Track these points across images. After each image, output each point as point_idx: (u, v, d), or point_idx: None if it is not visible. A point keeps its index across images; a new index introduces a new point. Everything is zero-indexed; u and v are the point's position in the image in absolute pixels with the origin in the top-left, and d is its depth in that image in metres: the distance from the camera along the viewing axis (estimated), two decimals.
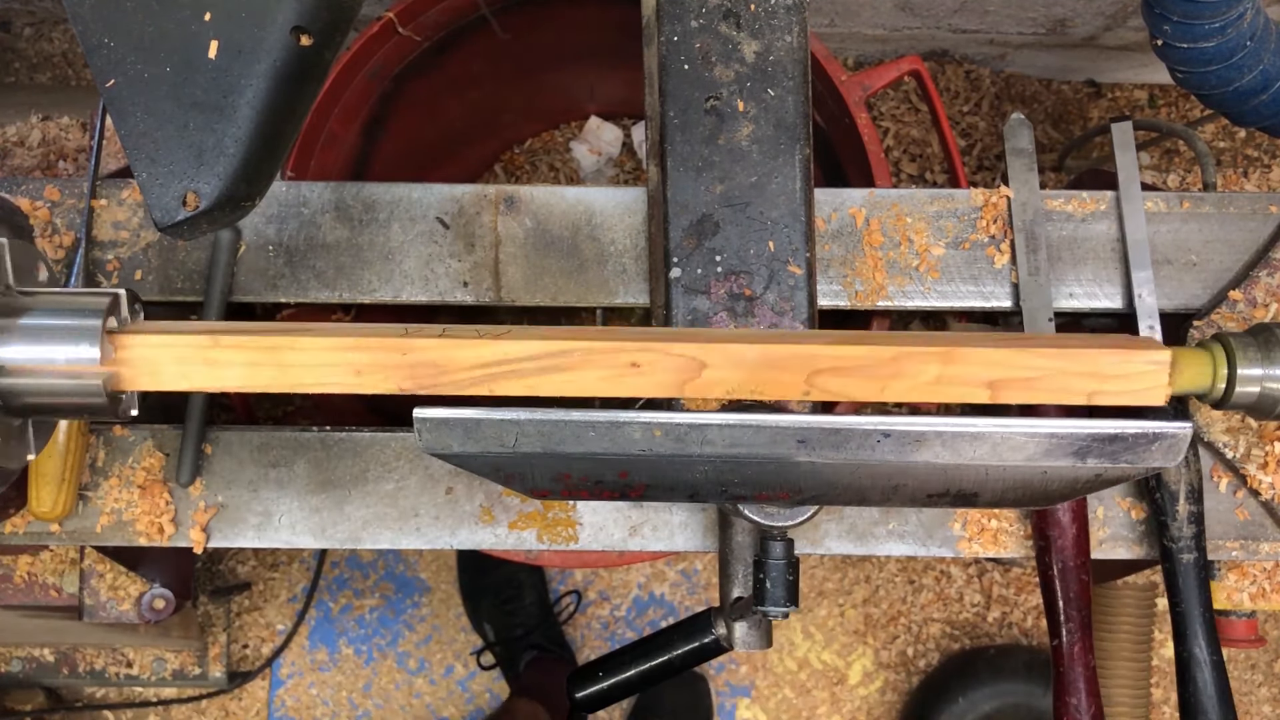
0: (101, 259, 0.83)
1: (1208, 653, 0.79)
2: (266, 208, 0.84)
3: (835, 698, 1.63)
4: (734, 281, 0.69)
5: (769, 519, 0.70)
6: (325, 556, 1.61)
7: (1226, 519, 0.83)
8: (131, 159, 0.59)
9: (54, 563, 0.89)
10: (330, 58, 0.63)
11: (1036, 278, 0.83)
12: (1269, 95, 0.88)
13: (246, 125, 0.59)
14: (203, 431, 0.84)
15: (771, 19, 0.71)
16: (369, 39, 1.05)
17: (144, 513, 0.83)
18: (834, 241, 0.84)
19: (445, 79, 1.22)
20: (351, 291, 0.84)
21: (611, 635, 1.64)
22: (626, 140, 1.55)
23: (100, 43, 0.59)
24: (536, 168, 1.56)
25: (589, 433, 0.58)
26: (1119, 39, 1.41)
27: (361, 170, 1.21)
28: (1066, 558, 0.81)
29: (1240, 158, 1.53)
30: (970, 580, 1.63)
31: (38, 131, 0.97)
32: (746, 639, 0.78)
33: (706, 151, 0.70)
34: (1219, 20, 0.82)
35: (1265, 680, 1.63)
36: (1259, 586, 0.85)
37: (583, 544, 0.85)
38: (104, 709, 1.58)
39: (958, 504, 0.67)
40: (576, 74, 1.45)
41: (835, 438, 0.59)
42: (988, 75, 1.56)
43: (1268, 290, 0.82)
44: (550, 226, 0.84)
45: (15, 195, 0.84)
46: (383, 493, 0.84)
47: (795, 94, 0.71)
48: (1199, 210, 0.85)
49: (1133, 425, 0.58)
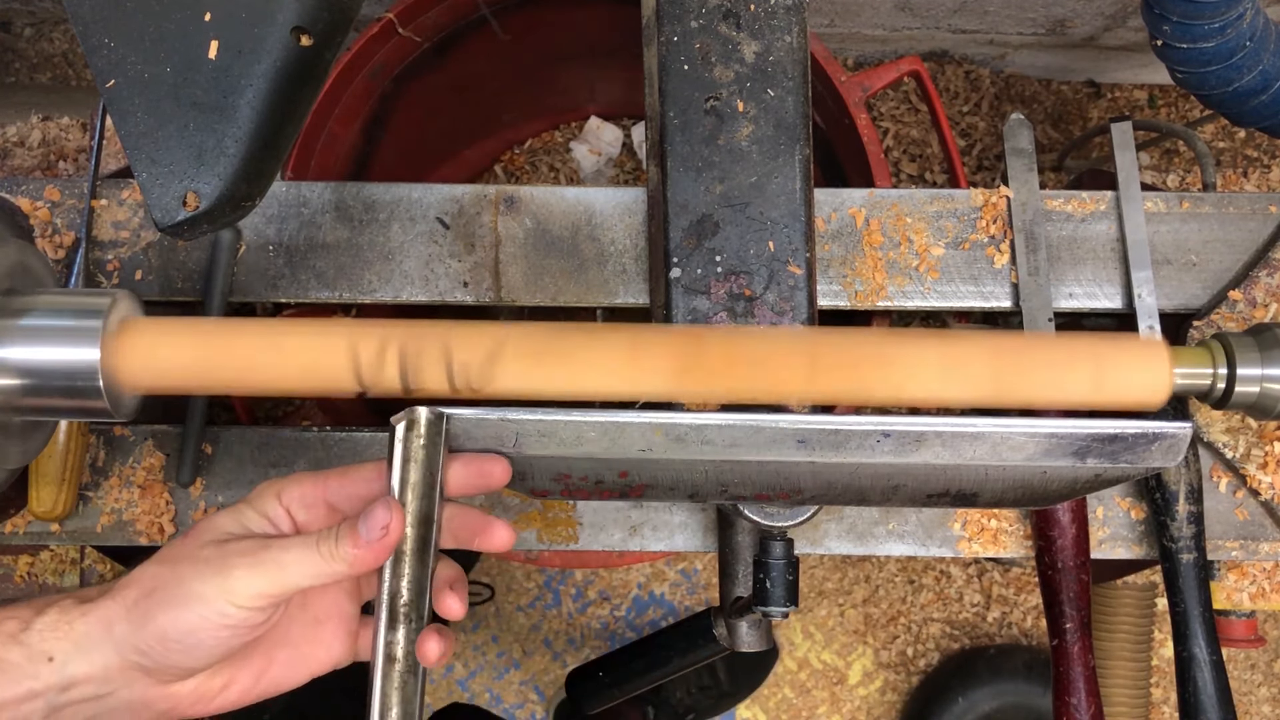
0: (101, 259, 0.83)
1: (1208, 653, 0.79)
2: (266, 208, 0.84)
3: (835, 698, 1.63)
4: (734, 281, 0.69)
5: (769, 519, 0.70)
6: None
7: (1226, 519, 0.83)
8: (131, 159, 0.59)
9: (54, 563, 0.89)
10: (330, 58, 0.63)
11: (1036, 278, 0.83)
12: (1269, 95, 0.88)
13: (246, 125, 0.59)
14: (203, 431, 0.84)
15: (771, 19, 0.71)
16: (369, 39, 1.05)
17: (144, 513, 0.83)
18: (834, 241, 0.84)
19: (445, 79, 1.22)
20: (352, 291, 0.84)
21: (612, 635, 1.64)
22: (626, 140, 1.55)
23: (100, 43, 0.59)
24: (536, 168, 1.56)
25: (589, 433, 0.58)
26: (1119, 39, 1.41)
27: (361, 170, 1.21)
28: (1066, 558, 0.81)
29: (1240, 158, 1.53)
30: (970, 580, 1.63)
31: (38, 131, 0.97)
32: (747, 639, 0.78)
33: (706, 151, 0.70)
34: (1219, 20, 0.83)
35: (1265, 680, 1.63)
36: (1259, 586, 0.85)
37: (583, 544, 0.85)
38: None
39: (958, 504, 0.67)
40: (576, 74, 1.45)
41: (835, 438, 0.59)
42: (988, 75, 1.56)
43: (1267, 290, 0.82)
44: (550, 226, 0.84)
45: (15, 195, 0.84)
46: None
47: (795, 94, 0.71)
48: (1199, 210, 0.85)
49: (1132, 425, 0.58)
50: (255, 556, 0.55)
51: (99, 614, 0.55)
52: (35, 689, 0.54)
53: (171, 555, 0.57)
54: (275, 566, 0.55)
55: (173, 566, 0.56)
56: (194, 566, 0.55)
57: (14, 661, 0.55)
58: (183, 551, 0.57)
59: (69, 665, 0.55)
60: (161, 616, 0.54)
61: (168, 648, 0.54)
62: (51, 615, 0.56)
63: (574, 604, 1.65)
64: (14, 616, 0.56)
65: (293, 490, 0.59)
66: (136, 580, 0.56)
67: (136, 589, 0.56)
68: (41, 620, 0.56)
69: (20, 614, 0.56)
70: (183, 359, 0.59)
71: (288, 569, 0.55)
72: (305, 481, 0.60)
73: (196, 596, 0.54)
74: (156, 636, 0.54)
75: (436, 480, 0.57)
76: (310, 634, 0.60)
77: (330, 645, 0.61)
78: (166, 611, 0.54)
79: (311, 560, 0.55)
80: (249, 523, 0.58)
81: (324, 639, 0.60)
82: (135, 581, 0.56)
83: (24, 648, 0.55)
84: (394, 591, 0.56)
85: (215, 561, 0.55)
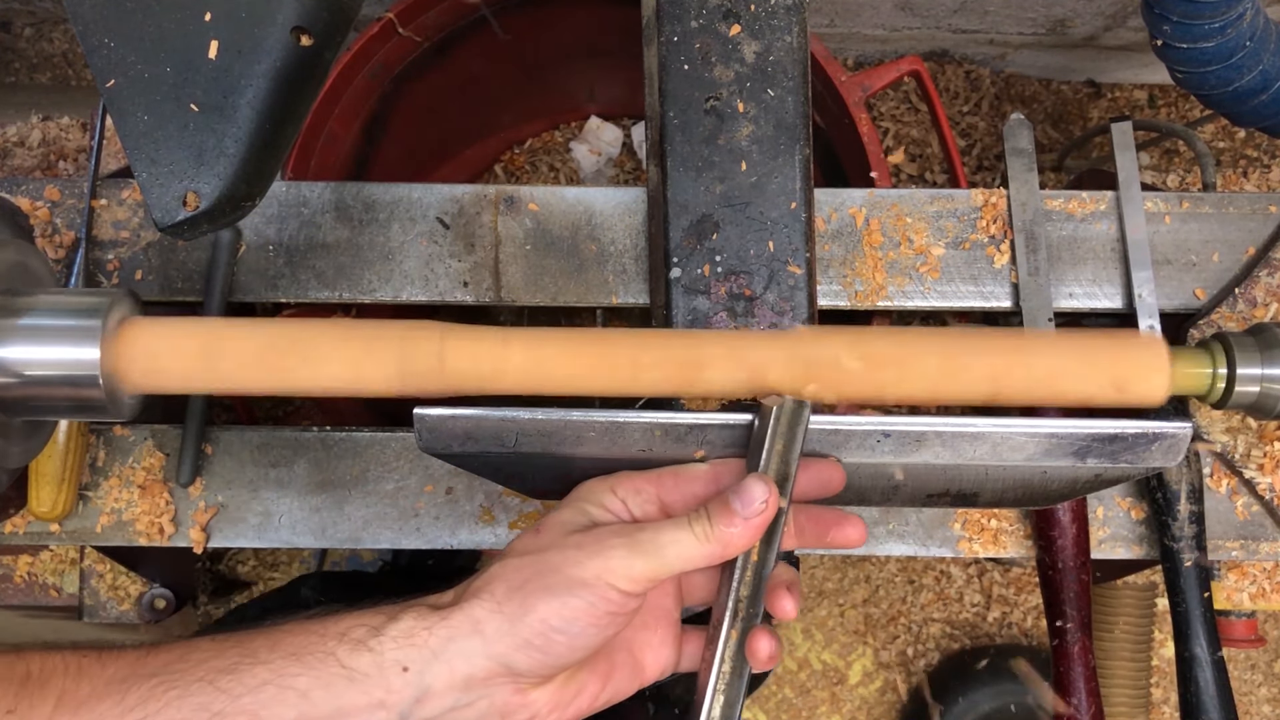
0: (101, 259, 0.83)
1: (1209, 652, 0.79)
2: (266, 208, 0.84)
3: (835, 698, 1.63)
4: (734, 281, 0.69)
5: None
6: (326, 556, 1.61)
7: (1226, 519, 0.83)
8: (131, 159, 0.59)
9: (54, 563, 0.89)
10: (330, 58, 0.63)
11: (1036, 278, 0.83)
12: (1269, 95, 0.88)
13: (246, 125, 0.59)
14: (203, 431, 0.84)
15: (771, 19, 0.71)
16: (369, 39, 1.05)
17: (144, 513, 0.83)
18: (834, 241, 0.84)
19: (445, 79, 1.22)
20: (351, 291, 0.84)
21: None
22: (626, 140, 1.55)
23: (100, 43, 0.59)
24: (536, 168, 1.56)
25: (589, 433, 0.58)
26: (1119, 39, 1.41)
27: (361, 170, 1.21)
28: (1066, 558, 0.81)
29: (1240, 158, 1.53)
30: (970, 580, 1.63)
31: (38, 131, 0.97)
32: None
33: (706, 151, 0.70)
34: (1219, 20, 0.82)
35: (1265, 680, 1.63)
36: (1259, 586, 0.85)
37: None
38: None
39: (958, 504, 0.67)
40: (576, 74, 1.45)
41: (835, 438, 0.59)
42: (988, 75, 1.56)
43: (1267, 290, 0.82)
44: (550, 226, 0.84)
45: (15, 195, 0.84)
46: (383, 493, 0.84)
47: (795, 94, 0.71)
48: (1199, 210, 0.85)
49: (1133, 425, 0.58)
50: (632, 538, 0.53)
51: (463, 616, 0.53)
52: (385, 700, 0.52)
53: (529, 547, 0.55)
54: (653, 547, 0.53)
55: (538, 557, 0.54)
56: (564, 553, 0.53)
57: (362, 670, 0.52)
58: (541, 543, 0.55)
59: (426, 674, 0.52)
60: (542, 605, 0.52)
61: (549, 638, 0.52)
62: (406, 621, 0.53)
63: None
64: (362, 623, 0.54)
65: (625, 484, 0.58)
66: (498, 577, 0.54)
67: (502, 584, 0.54)
68: (395, 627, 0.53)
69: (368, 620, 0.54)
70: (182, 359, 0.59)
71: (665, 549, 0.53)
72: (636, 477, 0.59)
73: (577, 581, 0.52)
74: (538, 627, 0.52)
75: (790, 473, 0.56)
76: (642, 638, 0.59)
77: (659, 651, 0.59)
78: (547, 599, 0.52)
79: (687, 541, 0.53)
80: (593, 514, 0.57)
81: (653, 644, 0.59)
82: (497, 578, 0.54)
83: (374, 655, 0.52)
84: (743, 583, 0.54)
85: (589, 546, 0.53)
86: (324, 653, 0.53)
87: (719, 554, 0.54)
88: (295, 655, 0.53)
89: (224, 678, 0.52)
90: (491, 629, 0.52)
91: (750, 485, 0.54)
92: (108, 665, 0.53)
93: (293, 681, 0.52)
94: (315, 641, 0.53)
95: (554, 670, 0.54)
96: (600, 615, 0.53)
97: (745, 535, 0.54)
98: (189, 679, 0.52)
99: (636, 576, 0.53)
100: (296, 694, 0.52)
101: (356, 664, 0.52)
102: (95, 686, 0.52)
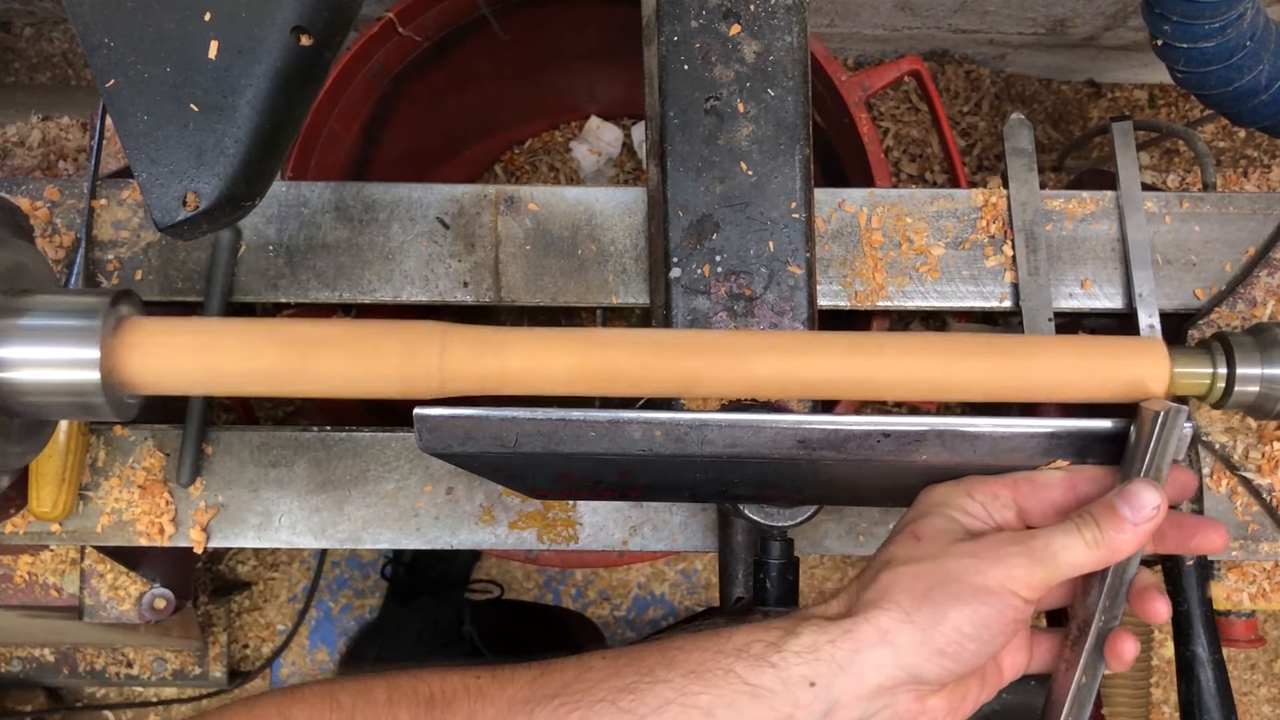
0: (101, 259, 0.83)
1: (1209, 652, 0.79)
2: (266, 208, 0.84)
3: None
4: (734, 281, 0.69)
5: (769, 519, 0.70)
6: (325, 556, 1.61)
7: (1226, 519, 0.83)
8: (131, 159, 0.59)
9: (54, 563, 0.89)
10: (330, 58, 0.63)
11: (1036, 277, 0.83)
12: (1269, 95, 0.88)
13: (246, 125, 0.59)
14: (203, 431, 0.84)
15: (771, 19, 0.71)
16: (369, 39, 1.05)
17: (144, 513, 0.83)
18: (834, 241, 0.84)
19: (445, 79, 1.22)
20: (352, 291, 0.84)
21: (612, 635, 1.64)
22: (626, 140, 1.55)
23: (100, 43, 0.59)
24: (536, 168, 1.56)
25: (589, 433, 0.58)
26: (1119, 39, 1.41)
27: (361, 170, 1.21)
28: None
29: (1240, 158, 1.53)
30: None
31: (38, 131, 0.97)
32: None
33: (706, 151, 0.70)
34: (1219, 20, 0.83)
35: (1265, 680, 1.63)
36: (1259, 586, 0.85)
37: (583, 544, 0.85)
38: (104, 709, 1.59)
39: None
40: (576, 74, 1.45)
41: (835, 438, 0.59)
42: (988, 75, 1.56)
43: (1267, 290, 0.82)
44: (550, 226, 0.84)
45: (15, 195, 0.84)
46: (383, 493, 0.84)
47: (795, 94, 0.71)
48: (1199, 210, 0.85)
49: (1132, 425, 0.58)
50: (1027, 545, 0.54)
51: (869, 628, 0.53)
52: (793, 715, 0.52)
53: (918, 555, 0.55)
54: (1048, 555, 0.53)
55: (934, 565, 0.54)
56: (960, 561, 0.54)
57: (768, 687, 0.52)
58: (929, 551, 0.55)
59: (833, 688, 0.52)
60: (954, 613, 0.52)
61: (963, 646, 0.52)
62: (808, 636, 0.53)
63: (574, 604, 1.65)
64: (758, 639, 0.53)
65: (981, 489, 0.58)
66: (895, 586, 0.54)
67: (904, 594, 0.53)
68: (796, 641, 0.53)
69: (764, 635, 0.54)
70: (182, 359, 0.59)
71: (1059, 556, 0.53)
72: (990, 482, 0.59)
73: (983, 589, 0.53)
74: (952, 635, 0.52)
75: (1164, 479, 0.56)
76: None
77: (1015, 654, 0.60)
78: (959, 607, 0.52)
79: (1078, 548, 0.54)
80: (961, 521, 0.57)
81: (1011, 647, 0.59)
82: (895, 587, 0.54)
83: (777, 671, 0.52)
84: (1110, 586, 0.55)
85: (987, 555, 0.54)
86: (723, 669, 0.53)
87: (1106, 560, 0.54)
88: (695, 673, 0.52)
89: (625, 697, 0.52)
90: (903, 639, 0.53)
91: (1141, 491, 0.54)
92: (505, 686, 0.53)
93: (695, 700, 0.52)
94: (712, 658, 0.53)
95: (956, 677, 0.54)
96: (1007, 623, 0.53)
97: (1134, 541, 0.54)
98: (590, 699, 0.52)
99: (1036, 584, 0.54)
100: (700, 712, 0.51)
101: (760, 680, 0.52)
102: (499, 708, 0.52)
